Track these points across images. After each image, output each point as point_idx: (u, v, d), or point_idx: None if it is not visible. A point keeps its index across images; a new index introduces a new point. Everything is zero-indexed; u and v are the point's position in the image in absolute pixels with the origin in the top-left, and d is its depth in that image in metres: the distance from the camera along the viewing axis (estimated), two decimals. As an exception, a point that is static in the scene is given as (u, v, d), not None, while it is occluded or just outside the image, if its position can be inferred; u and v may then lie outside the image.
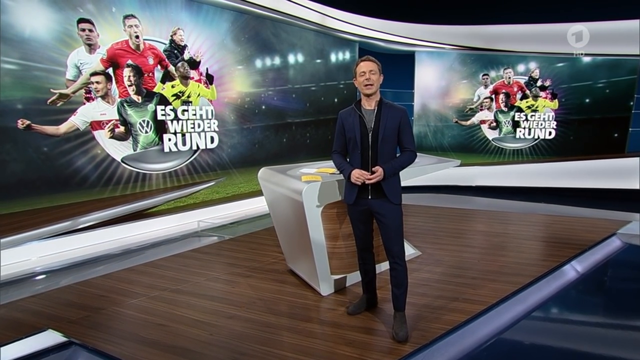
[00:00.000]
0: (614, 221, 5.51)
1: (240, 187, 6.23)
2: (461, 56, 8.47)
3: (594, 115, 7.79)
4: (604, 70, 7.61)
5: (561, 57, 7.79)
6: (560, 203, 7.26)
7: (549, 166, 8.11)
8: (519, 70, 8.15)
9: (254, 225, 5.64)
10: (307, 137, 7.34)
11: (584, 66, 7.73)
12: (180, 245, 4.79)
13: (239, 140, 6.17)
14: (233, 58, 6.00)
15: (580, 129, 7.91)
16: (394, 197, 2.68)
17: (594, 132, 7.82)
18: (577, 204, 7.13)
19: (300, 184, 3.08)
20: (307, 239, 3.13)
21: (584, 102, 7.81)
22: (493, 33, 8.12)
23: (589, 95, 7.78)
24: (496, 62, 8.27)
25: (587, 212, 6.44)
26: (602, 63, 7.59)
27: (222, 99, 5.88)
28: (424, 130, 8.87)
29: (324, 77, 7.56)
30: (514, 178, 8.29)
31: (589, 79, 7.73)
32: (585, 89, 7.77)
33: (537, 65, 7.99)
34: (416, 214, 6.01)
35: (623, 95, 7.56)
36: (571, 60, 7.76)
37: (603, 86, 7.69)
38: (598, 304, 3.44)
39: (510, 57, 8.15)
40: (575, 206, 7.00)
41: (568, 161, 7.98)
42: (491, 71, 8.32)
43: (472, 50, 8.34)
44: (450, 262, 4.05)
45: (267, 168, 3.79)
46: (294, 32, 6.88)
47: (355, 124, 2.65)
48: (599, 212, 6.47)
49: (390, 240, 2.70)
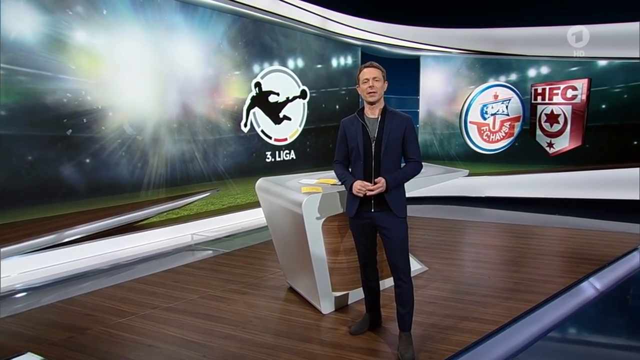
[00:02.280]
0: (635, 235, 5.48)
1: (237, 198, 6.23)
2: (469, 61, 8.51)
3: (611, 122, 7.78)
4: (621, 74, 7.61)
5: (575, 62, 7.81)
6: (577, 215, 7.21)
7: (563, 176, 8.08)
8: (530, 75, 8.18)
9: (251, 238, 5.64)
10: (307, 145, 7.35)
11: (599, 70, 7.74)
12: (173, 260, 4.78)
13: (235, 148, 6.18)
14: (230, 63, 6.04)
15: (596, 137, 7.89)
16: (399, 210, 2.66)
17: (611, 139, 7.80)
18: (594, 216, 7.08)
19: (300, 195, 3.08)
20: (307, 254, 3.12)
21: (600, 108, 7.81)
22: (503, 36, 8.16)
23: (606, 101, 7.79)
24: (507, 66, 8.30)
25: (605, 225, 6.40)
26: (620, 67, 7.60)
27: (218, 105, 5.90)
28: (430, 139, 8.88)
29: (325, 83, 7.59)
30: (527, 188, 8.26)
31: (605, 83, 7.74)
32: (602, 94, 7.78)
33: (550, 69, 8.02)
34: (422, 227, 5.98)
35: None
36: (587, 64, 7.78)
37: (620, 91, 7.69)
38: (619, 324, 3.39)
39: (521, 62, 8.18)
40: (592, 218, 6.95)
41: (584, 170, 7.95)
42: (501, 76, 8.35)
43: (480, 55, 8.38)
44: (460, 278, 4.01)
45: (265, 178, 3.79)
46: (293, 36, 6.93)
47: (357, 133, 2.66)
48: (618, 224, 6.43)
49: (395, 255, 2.68)
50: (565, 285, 3.79)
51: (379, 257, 2.94)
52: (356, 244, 2.87)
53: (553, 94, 8.04)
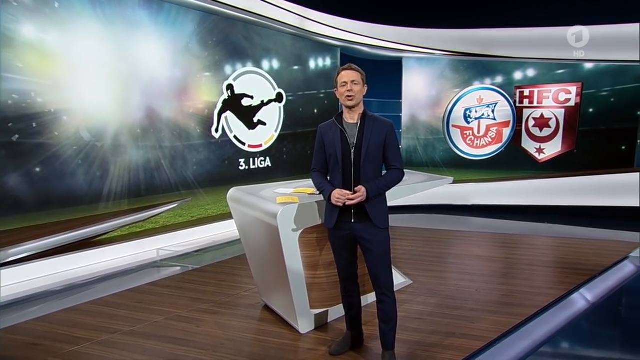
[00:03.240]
0: (625, 243, 5.63)
1: (207, 209, 6.17)
2: (453, 63, 8.67)
3: (599, 126, 8.02)
4: (608, 77, 7.87)
5: (562, 64, 8.04)
6: (566, 223, 7.38)
7: (551, 182, 8.27)
8: (517, 78, 8.36)
9: (222, 253, 5.59)
10: (283, 152, 7.33)
11: (586, 73, 7.98)
12: (136, 279, 4.69)
13: (206, 155, 6.12)
14: (199, 64, 6.00)
15: (584, 142, 8.11)
16: (380, 221, 2.67)
17: (599, 144, 8.03)
18: (584, 224, 7.26)
19: (275, 206, 3.08)
20: (283, 269, 3.10)
21: (588, 112, 8.04)
22: (488, 37, 8.33)
23: (593, 105, 8.02)
24: (492, 69, 8.48)
25: (595, 234, 6.57)
26: (606, 70, 7.85)
27: (186, 109, 5.85)
28: (414, 144, 8.98)
29: (302, 86, 7.61)
30: (514, 196, 8.41)
31: (592, 86, 7.98)
32: (589, 98, 8.01)
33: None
34: (406, 238, 6.02)
35: (629, 105, 7.81)
36: (572, 67, 8.01)
37: (607, 95, 7.94)
38: (612, 336, 3.45)
39: (507, 64, 8.37)
40: (582, 226, 7.13)
41: (572, 177, 8.15)
42: (486, 79, 8.52)
43: (465, 56, 8.54)
44: (446, 291, 4.04)
45: (237, 188, 3.77)
46: (268, 36, 6.93)
47: (336, 139, 2.67)
48: (608, 232, 6.60)
49: (377, 268, 2.69)
50: (555, 297, 3.86)
51: (360, 270, 2.94)
52: (335, 257, 2.87)
53: (543, 97, 8.23)
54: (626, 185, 7.70)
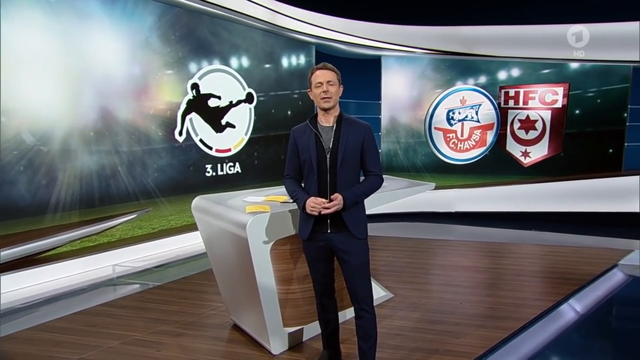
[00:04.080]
0: (614, 250, 5.78)
1: (170, 220, 6.10)
2: (435, 62, 8.80)
3: (586, 128, 8.25)
4: (594, 77, 8.12)
5: (547, 64, 8.25)
6: (553, 230, 7.55)
7: (537, 188, 8.46)
8: (501, 78, 8.54)
9: (187, 268, 5.52)
10: (254, 157, 7.29)
11: (571, 73, 8.22)
12: (88, 299, 4.55)
13: (168, 161, 6.03)
14: (160, 60, 5.92)
15: (571, 145, 8.33)
16: (358, 231, 2.68)
17: (586, 147, 8.26)
18: (571, 230, 7.45)
19: (244, 215, 3.05)
20: (253, 284, 3.07)
21: (574, 114, 8.27)
22: (471, 35, 8.49)
23: (579, 106, 8.26)
24: (475, 68, 8.65)
25: (583, 241, 6.74)
26: (592, 69, 8.10)
27: (146, 110, 5.75)
28: (394, 148, 9.06)
29: (274, 86, 7.59)
30: (499, 202, 8.57)
31: (577, 87, 8.22)
32: (575, 99, 8.24)
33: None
34: (386, 247, 6.05)
35: (616, 106, 8.08)
36: (558, 67, 8.24)
37: (593, 95, 8.18)
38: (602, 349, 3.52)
39: (491, 63, 8.54)
40: (569, 233, 7.31)
41: (559, 181, 8.36)
42: (469, 79, 8.67)
43: (447, 55, 8.68)
44: (429, 305, 4.06)
45: (203, 196, 3.74)
46: (237, 31, 6.90)
47: (310, 144, 2.67)
48: (596, 239, 6.80)
49: (355, 281, 2.68)
50: (543, 308, 3.92)
51: (337, 284, 2.93)
52: (311, 271, 2.85)
53: (529, 98, 8.43)
54: (614, 190, 7.95)
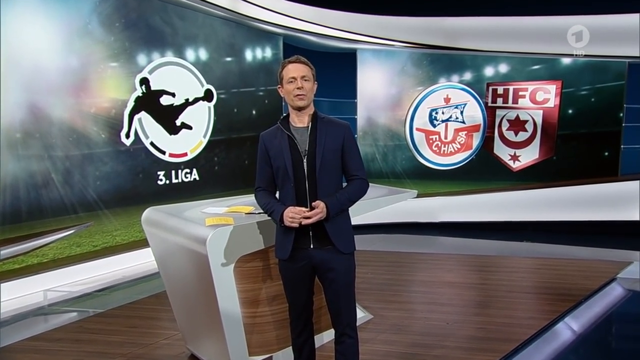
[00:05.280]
0: (612, 262, 5.93)
1: (116, 235, 6.02)
2: (416, 56, 8.90)
3: (579, 130, 8.45)
4: (587, 74, 8.33)
5: (537, 59, 8.43)
6: (546, 241, 7.71)
7: (528, 194, 8.61)
8: (488, 75, 8.68)
9: (135, 291, 5.44)
10: (214, 162, 7.23)
11: (563, 69, 8.42)
12: (12, 333, 4.37)
13: (113, 167, 5.93)
14: (103, 51, 5.82)
15: (563, 148, 8.51)
16: (344, 244, 2.64)
17: (580, 150, 8.46)
18: (566, 241, 7.61)
19: (204, 229, 3.02)
20: (214, 307, 3.04)
21: (566, 114, 8.47)
22: (456, 27, 8.62)
23: (572, 105, 8.45)
24: (461, 64, 8.77)
25: (578, 252, 6.89)
26: (585, 65, 8.31)
27: (86, 109, 5.64)
28: (371, 152, 9.10)
29: (237, 82, 7.56)
30: (487, 211, 8.69)
31: (570, 84, 8.42)
32: (568, 98, 8.44)
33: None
34: (364, 263, 6.00)
35: (611, 105, 8.30)
36: (549, 63, 8.42)
37: (587, 94, 8.39)
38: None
39: (477, 59, 8.68)
40: (564, 244, 7.47)
41: (551, 187, 8.52)
42: (454, 75, 8.78)
43: (429, 49, 8.78)
44: (413, 326, 4.07)
45: (155, 208, 3.72)
46: (194, 19, 6.86)
47: (283, 148, 2.63)
48: (593, 251, 6.96)
49: (339, 303, 2.65)
50: (537, 328, 3.97)
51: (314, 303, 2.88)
52: (288, 294, 2.78)
53: (519, 97, 8.59)
54: (611, 196, 8.14)
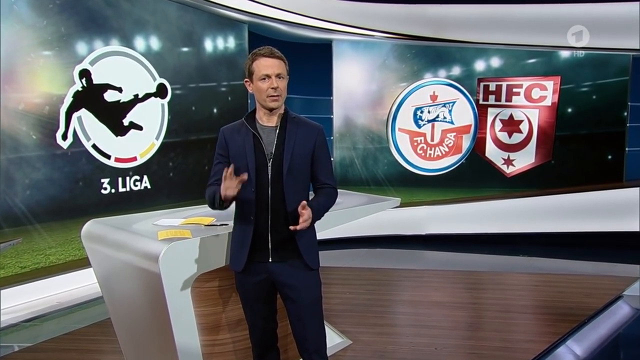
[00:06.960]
0: (618, 278, 6.02)
1: (49, 254, 5.92)
2: (399, 48, 8.96)
3: (579, 130, 8.61)
4: (588, 69, 8.50)
5: (533, 52, 8.57)
6: (544, 255, 7.80)
7: (523, 203, 8.72)
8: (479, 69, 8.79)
9: (73, 320, 5.33)
10: (169, 167, 7.18)
11: (562, 63, 8.58)
12: None
13: (47, 173, 5.83)
14: (33, 37, 5.73)
15: (562, 150, 8.65)
16: (311, 258, 2.67)
17: (581, 153, 8.61)
18: (566, 255, 7.72)
19: (156, 243, 2.97)
20: (167, 334, 2.99)
21: (565, 113, 8.62)
22: (443, 16, 8.71)
23: (571, 104, 8.61)
24: (448, 57, 8.85)
25: (580, 267, 7.00)
26: (585, 59, 8.48)
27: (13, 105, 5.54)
28: (349, 156, 9.11)
29: (195, 76, 7.52)
30: (479, 222, 8.77)
31: (569, 80, 8.58)
32: (566, 95, 8.59)
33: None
34: (341, 281, 6.04)
35: (614, 103, 8.48)
36: (546, 56, 8.56)
37: (588, 91, 8.55)
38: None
39: (465, 51, 8.78)
40: (563, 258, 7.56)
41: (548, 195, 8.65)
42: (441, 70, 8.86)
43: (413, 40, 8.85)
44: (397, 352, 4.07)
45: (98, 220, 3.64)
46: (144, 3, 6.80)
47: (247, 147, 2.64)
48: (596, 265, 7.07)
49: (304, 326, 2.66)
50: (536, 352, 3.99)
51: (281, 330, 2.90)
52: (246, 314, 2.82)
53: (513, 94, 8.72)
54: (615, 205, 8.29)
